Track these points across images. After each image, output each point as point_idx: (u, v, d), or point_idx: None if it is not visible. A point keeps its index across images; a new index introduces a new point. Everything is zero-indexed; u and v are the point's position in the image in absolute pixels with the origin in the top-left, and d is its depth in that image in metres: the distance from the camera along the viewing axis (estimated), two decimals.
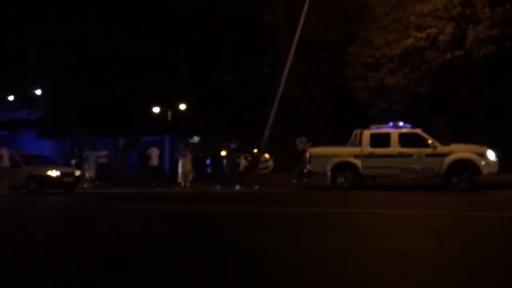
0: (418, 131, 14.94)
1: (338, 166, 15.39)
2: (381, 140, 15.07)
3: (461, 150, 14.50)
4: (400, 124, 15.25)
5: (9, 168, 18.91)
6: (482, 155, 14.26)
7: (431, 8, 19.76)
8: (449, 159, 14.34)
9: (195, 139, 27.16)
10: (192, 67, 25.10)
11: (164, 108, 26.16)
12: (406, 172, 15.02)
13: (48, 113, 28.06)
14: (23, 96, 28.89)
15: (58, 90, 26.62)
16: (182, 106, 26.38)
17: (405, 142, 14.85)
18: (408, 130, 15.09)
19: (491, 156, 14.34)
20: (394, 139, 14.93)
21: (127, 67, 24.35)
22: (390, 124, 15.34)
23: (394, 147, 14.91)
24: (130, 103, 24.28)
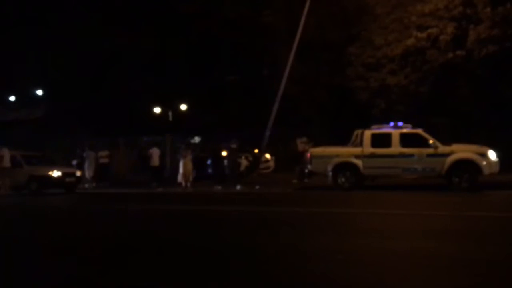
0: (419, 131, 14.89)
1: (339, 166, 15.36)
2: (382, 140, 15.03)
3: (462, 150, 14.45)
4: (399, 124, 15.22)
5: (10, 168, 18.91)
6: (483, 155, 14.23)
7: (432, 8, 19.78)
8: (450, 159, 14.30)
9: (196, 139, 27.13)
10: (192, 67, 25.12)
11: (164, 108, 26.18)
12: (407, 172, 14.98)
13: (48, 113, 28.08)
14: (24, 96, 28.92)
15: (58, 90, 26.64)
16: (183, 106, 26.40)
17: (406, 142, 14.81)
18: (409, 130, 15.03)
19: (492, 156, 14.30)
20: (395, 139, 14.89)
21: (127, 67, 24.37)
22: (391, 124, 15.31)
23: (395, 147, 14.87)
24: (130, 103, 24.29)
